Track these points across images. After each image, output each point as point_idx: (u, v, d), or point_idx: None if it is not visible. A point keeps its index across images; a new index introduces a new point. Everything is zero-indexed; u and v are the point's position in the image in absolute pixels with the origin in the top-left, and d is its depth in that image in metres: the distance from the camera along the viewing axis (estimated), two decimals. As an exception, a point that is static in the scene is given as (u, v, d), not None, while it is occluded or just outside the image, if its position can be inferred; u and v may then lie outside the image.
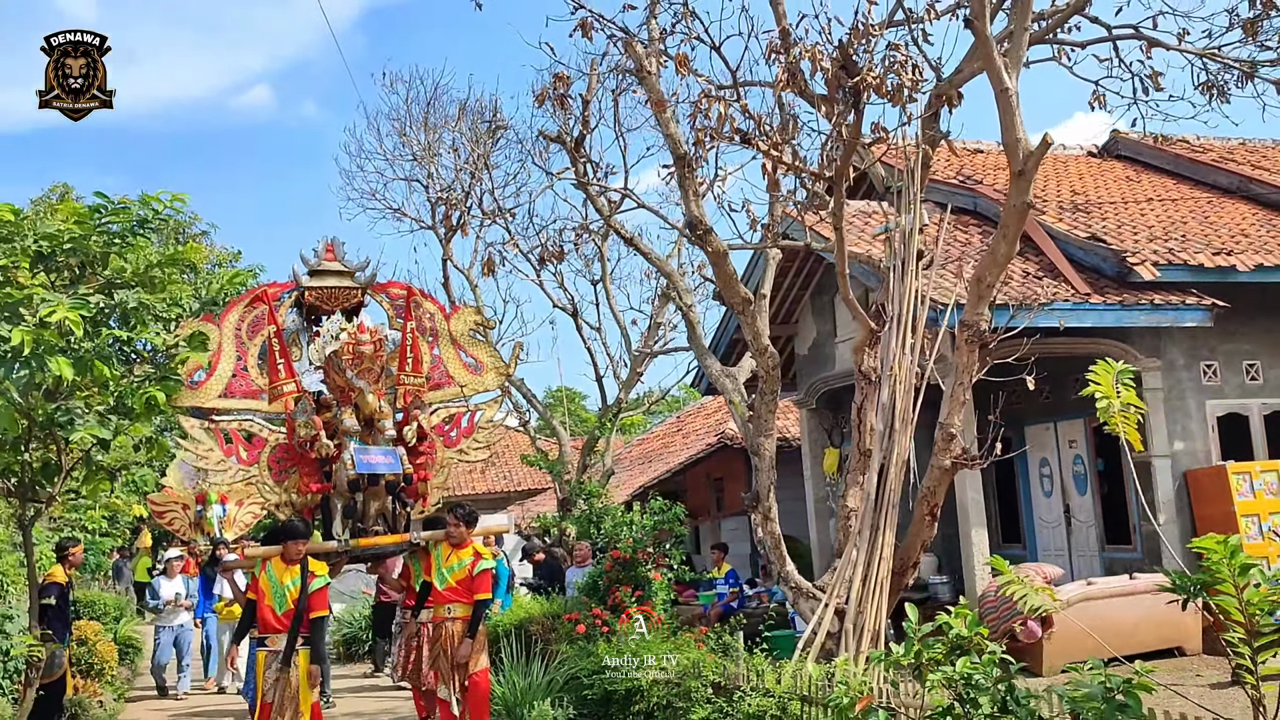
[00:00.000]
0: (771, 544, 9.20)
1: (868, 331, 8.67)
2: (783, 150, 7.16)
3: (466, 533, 8.63)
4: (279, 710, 7.80)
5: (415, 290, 9.60)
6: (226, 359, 8.84)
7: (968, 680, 4.03)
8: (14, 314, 7.81)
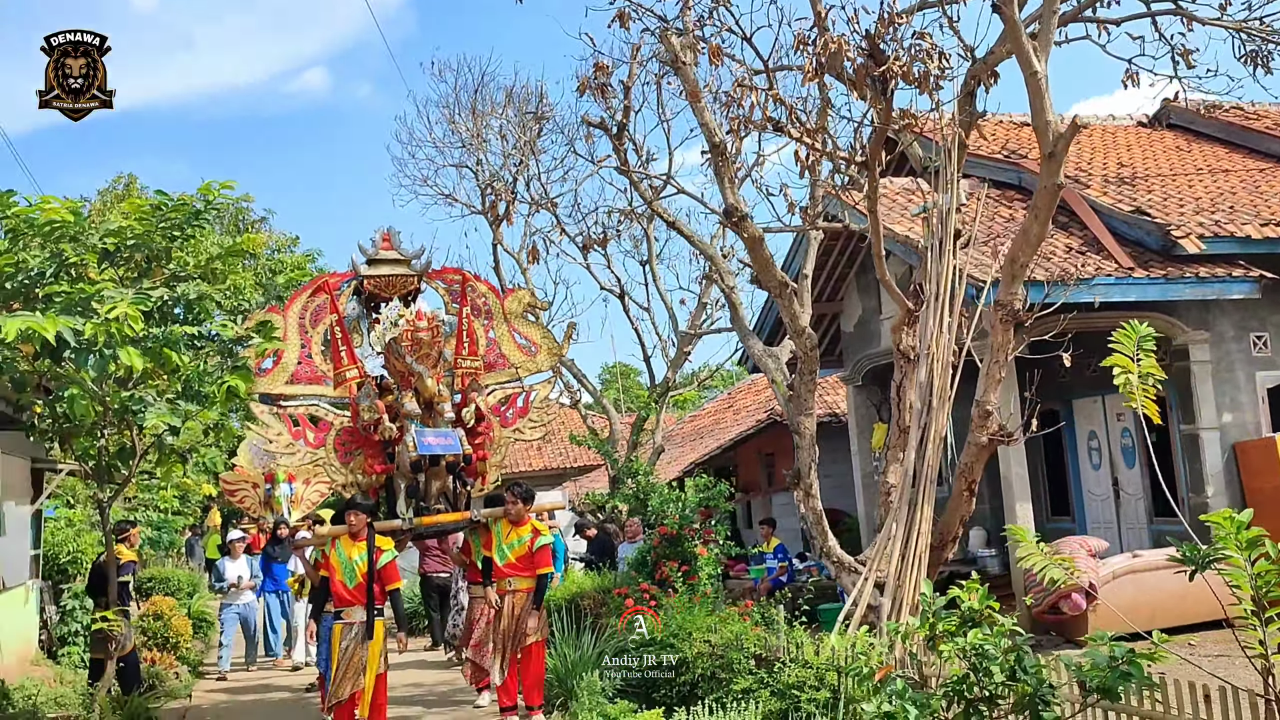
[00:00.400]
0: (813, 520, 9.41)
1: (906, 311, 8.81)
2: (815, 137, 7.32)
3: (524, 509, 9.01)
4: (345, 677, 8.24)
5: (469, 275, 9.94)
6: (292, 347, 9.28)
7: (979, 650, 4.24)
8: (86, 308, 8.27)
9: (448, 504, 9.25)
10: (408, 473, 8.94)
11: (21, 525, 13.29)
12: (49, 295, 8.13)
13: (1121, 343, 5.22)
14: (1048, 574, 4.87)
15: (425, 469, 8.95)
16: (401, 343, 9.04)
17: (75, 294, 8.14)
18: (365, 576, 8.30)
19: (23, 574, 13.29)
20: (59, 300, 8.08)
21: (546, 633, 8.96)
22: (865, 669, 4.56)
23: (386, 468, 9.09)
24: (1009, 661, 4.17)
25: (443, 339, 9.33)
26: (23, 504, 13.56)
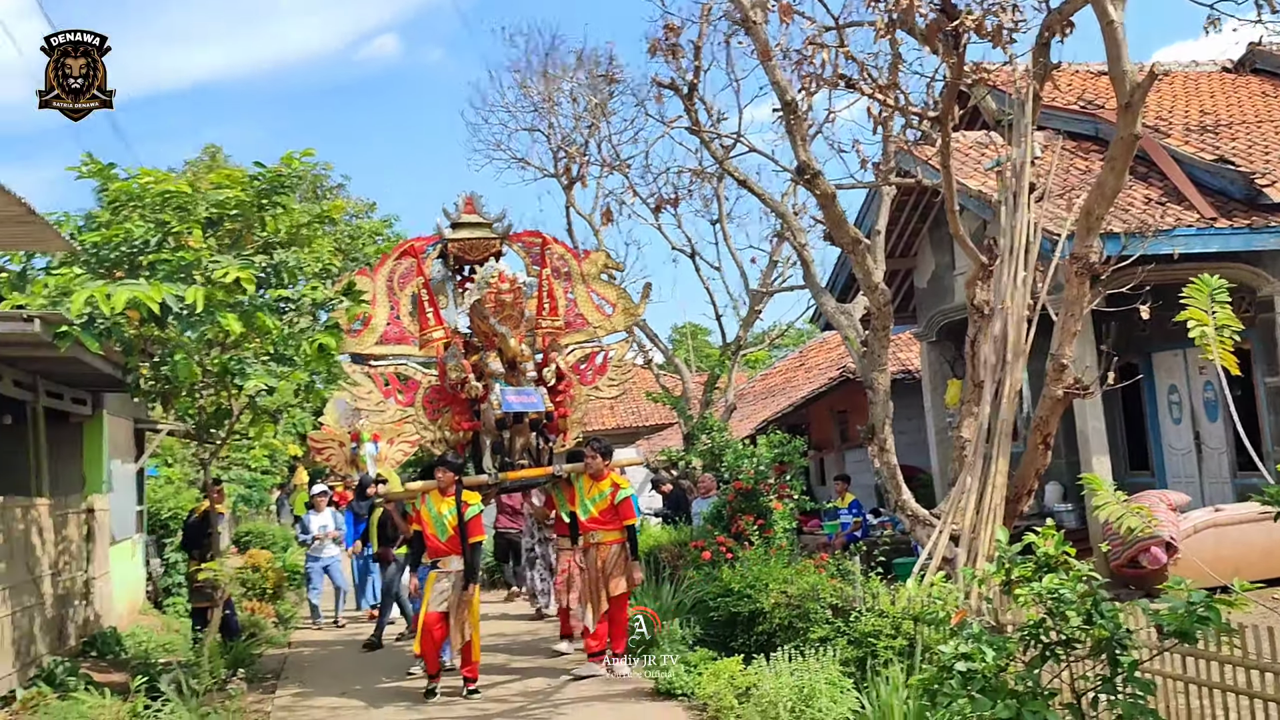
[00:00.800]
0: (888, 474, 9.52)
1: (980, 266, 8.82)
2: (887, 93, 7.35)
3: (604, 465, 9.29)
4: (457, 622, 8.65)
5: (548, 238, 10.20)
6: (381, 309, 9.65)
7: (1055, 595, 4.37)
8: (187, 275, 8.67)
9: (531, 460, 9.59)
10: (493, 429, 9.27)
11: (127, 482, 13.96)
12: (153, 264, 8.55)
13: (1194, 296, 5.24)
14: (1125, 523, 4.96)
15: (509, 426, 9.28)
16: (485, 304, 9.33)
17: (176, 262, 8.55)
18: (455, 529, 8.66)
19: (129, 529, 14.00)
20: (162, 268, 8.50)
21: (636, 583, 9.22)
22: (941, 614, 4.72)
23: (473, 425, 9.43)
24: (1085, 606, 4.29)
25: (524, 300, 9.60)
26: (128, 462, 14.25)
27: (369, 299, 9.48)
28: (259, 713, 8.66)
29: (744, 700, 7.29)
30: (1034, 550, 4.60)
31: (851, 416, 20.51)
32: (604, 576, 9.11)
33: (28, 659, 9.27)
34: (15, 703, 8.57)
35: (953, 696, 4.34)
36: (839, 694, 6.66)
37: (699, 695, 7.78)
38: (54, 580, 10.18)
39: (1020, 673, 4.47)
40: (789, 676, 6.94)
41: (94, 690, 8.69)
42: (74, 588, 11.16)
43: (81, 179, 9.11)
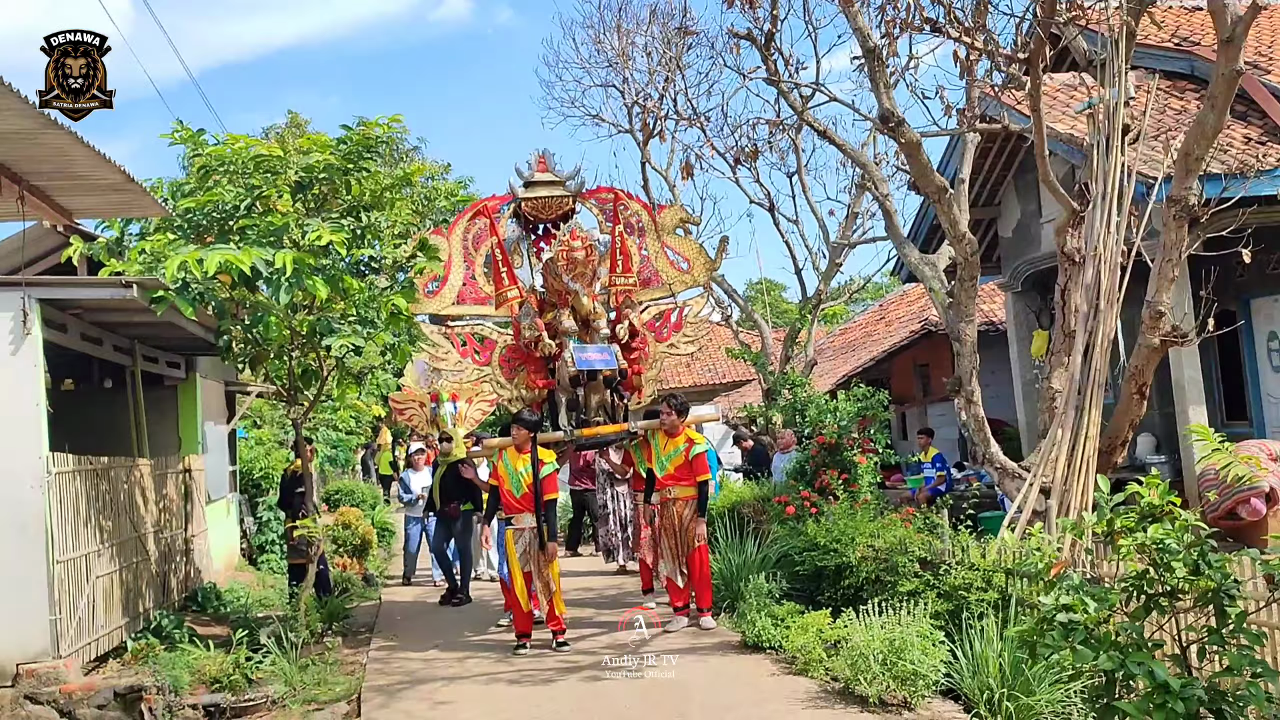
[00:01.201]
0: (975, 427, 9.38)
1: (1070, 212, 8.58)
2: (974, 35, 7.14)
3: (679, 421, 9.28)
4: (539, 581, 8.79)
5: (621, 193, 10.14)
6: (456, 269, 9.72)
7: (1160, 545, 4.26)
8: (277, 239, 8.82)
9: (606, 417, 9.63)
10: (568, 387, 9.33)
11: (220, 443, 14.35)
12: (243, 228, 8.72)
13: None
14: (1232, 471, 4.82)
15: (584, 383, 9.32)
16: (557, 262, 9.34)
17: (265, 226, 8.71)
18: (530, 486, 8.75)
19: (223, 488, 14.42)
20: (251, 233, 8.67)
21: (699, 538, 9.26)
22: (1040, 564, 4.64)
23: (548, 383, 9.49)
24: (1191, 556, 4.18)
25: (598, 258, 9.59)
26: (220, 424, 14.63)
27: (444, 257, 9.55)
28: (354, 664, 8.90)
29: (833, 653, 7.30)
30: (1136, 500, 4.48)
31: (934, 370, 20.24)
32: (683, 531, 9.16)
33: (136, 612, 9.65)
34: (126, 654, 8.94)
35: (1053, 648, 4.28)
36: (930, 646, 6.62)
37: (787, 648, 7.79)
38: (157, 538, 10.55)
39: (1123, 624, 4.39)
40: (879, 629, 6.91)
41: (198, 642, 9.03)
42: (175, 545, 11.56)
43: (174, 145, 9.29)
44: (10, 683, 7.59)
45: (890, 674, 6.55)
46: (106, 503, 9.01)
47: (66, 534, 8.03)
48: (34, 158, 4.93)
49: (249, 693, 7.87)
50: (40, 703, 7.52)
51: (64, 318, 8.76)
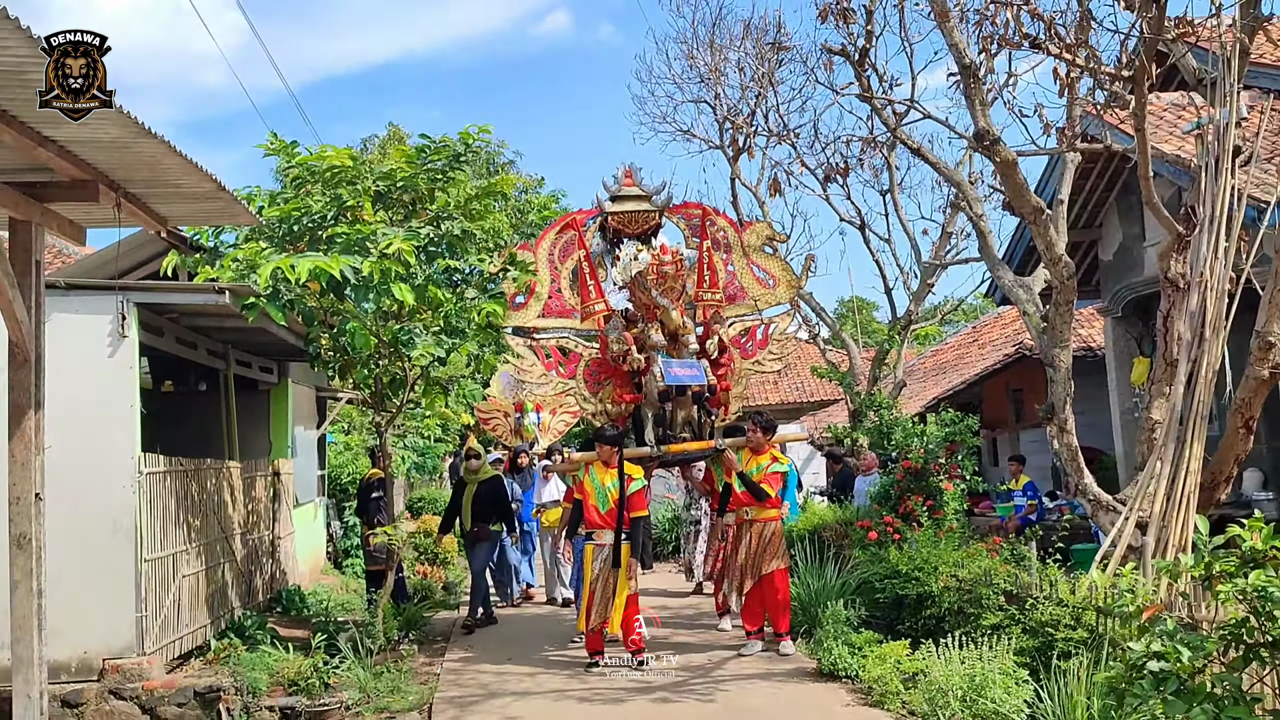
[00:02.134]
0: (1068, 456, 9.04)
1: (1175, 236, 8.22)
2: (1076, 52, 6.88)
3: (765, 439, 9.14)
4: (602, 599, 8.70)
5: (709, 209, 10.09)
6: (543, 282, 9.77)
7: (1262, 592, 4.00)
8: (361, 248, 8.96)
9: (692, 433, 9.53)
10: (655, 402, 9.26)
11: (309, 448, 14.65)
12: (331, 237, 8.88)
13: None
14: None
15: (672, 398, 9.23)
16: (647, 276, 9.31)
17: (353, 234, 8.85)
18: (616, 503, 8.68)
19: (311, 492, 14.71)
20: (339, 241, 8.82)
21: (784, 562, 9.09)
22: (1131, 607, 4.40)
23: (635, 397, 9.44)
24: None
25: (685, 273, 9.53)
26: (310, 429, 14.94)
27: (533, 269, 9.61)
28: (428, 674, 8.94)
29: (911, 686, 7.07)
30: (1238, 543, 4.22)
31: (1027, 395, 19.68)
32: (757, 554, 9.00)
33: (220, 611, 9.85)
34: (209, 652, 9.13)
35: (1143, 697, 4.05)
36: (1014, 685, 6.36)
37: (864, 678, 7.59)
38: (243, 539, 10.78)
39: (1220, 675, 4.13)
40: (959, 664, 6.67)
41: (279, 644, 9.18)
42: (261, 546, 11.80)
43: (268, 156, 9.57)
44: (97, 677, 7.81)
45: (970, 711, 6.32)
46: (195, 503, 9.23)
47: (155, 533, 8.24)
48: (129, 165, 5.04)
49: (324, 697, 7.95)
50: (124, 698, 7.71)
51: (160, 322, 9.02)
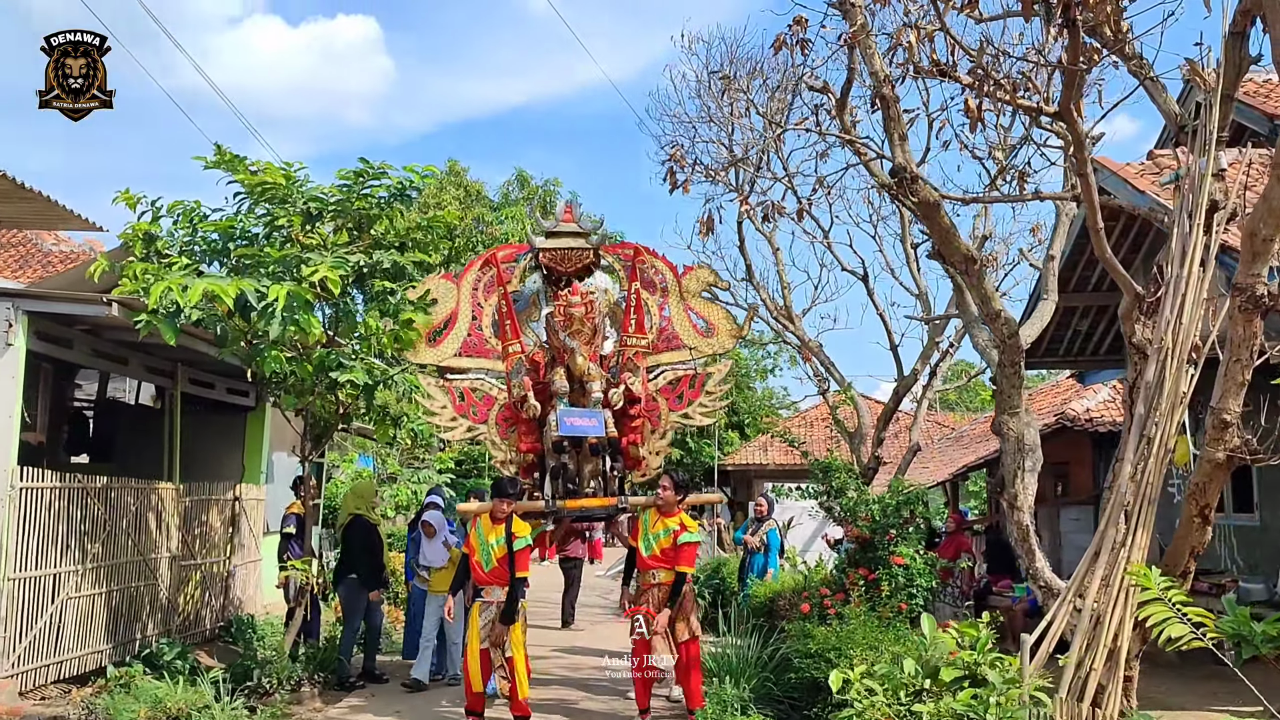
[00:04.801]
0: (1019, 535, 8.17)
1: (1133, 296, 7.36)
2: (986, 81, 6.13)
3: (674, 499, 8.35)
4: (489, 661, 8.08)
5: (642, 249, 9.49)
6: (463, 318, 9.29)
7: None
8: (288, 271, 8.64)
9: (600, 488, 8.87)
10: (552, 452, 8.66)
11: (289, 475, 14.39)
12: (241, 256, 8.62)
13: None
14: None
15: (568, 450, 8.62)
16: (555, 317, 8.77)
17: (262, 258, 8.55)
18: (501, 560, 8.08)
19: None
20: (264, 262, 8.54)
21: (695, 632, 8.32)
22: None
23: (533, 446, 8.87)
24: None
25: (600, 315, 8.97)
26: (294, 456, 14.69)
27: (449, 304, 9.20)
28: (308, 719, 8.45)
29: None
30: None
31: (1073, 469, 18.41)
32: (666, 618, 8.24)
33: (127, 637, 9.54)
34: (103, 679, 8.81)
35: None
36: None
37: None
38: (174, 564, 10.49)
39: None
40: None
41: (198, 675, 8.81)
42: (211, 573, 11.52)
43: (208, 169, 9.27)
44: (-64, 698, 7.53)
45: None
46: (95, 523, 8.96)
47: (28, 551, 7.96)
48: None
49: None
50: (-46, 722, 7.41)
51: (70, 333, 8.83)
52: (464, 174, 28.91)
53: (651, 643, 8.30)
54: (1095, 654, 6.94)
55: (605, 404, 8.63)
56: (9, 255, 18.66)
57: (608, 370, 8.96)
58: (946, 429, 23.36)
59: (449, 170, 29.20)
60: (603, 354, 8.99)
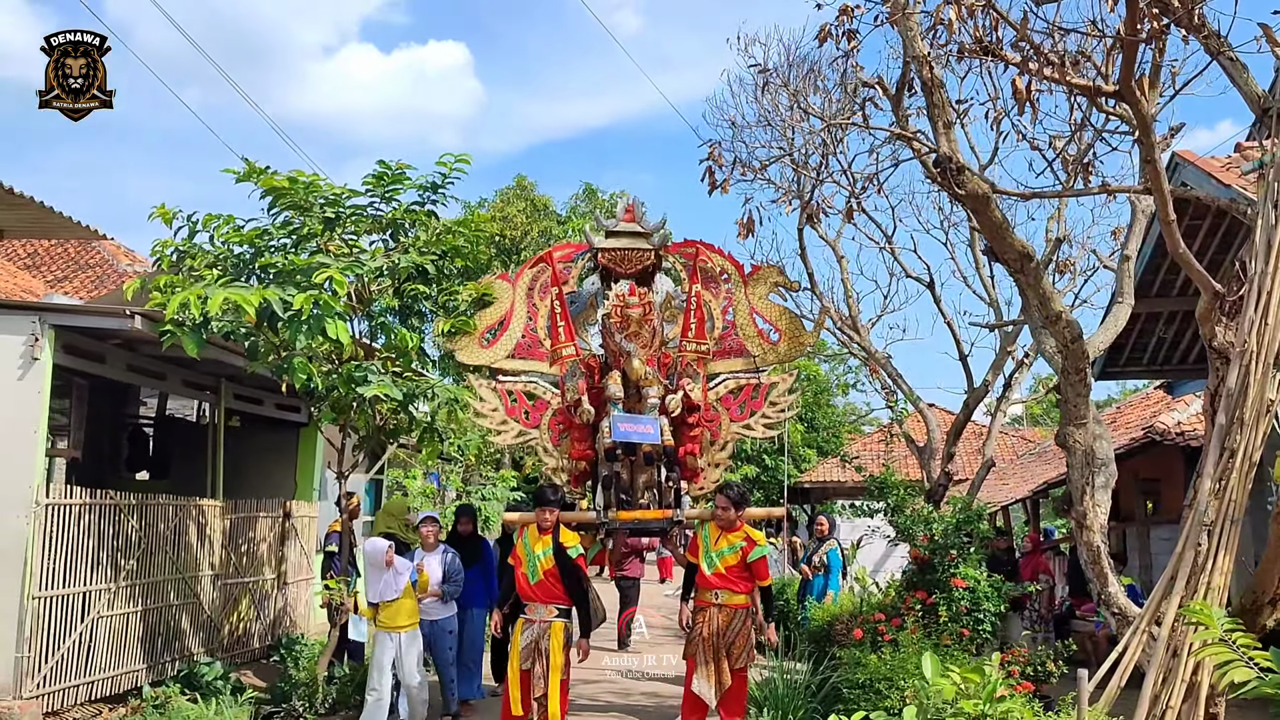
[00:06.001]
0: (1089, 558, 7.49)
1: (1212, 295, 6.70)
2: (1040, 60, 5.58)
3: (735, 515, 7.91)
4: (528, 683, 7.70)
5: (705, 246, 9.03)
6: (518, 319, 8.96)
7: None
8: (310, 280, 8.41)
9: (655, 499, 8.43)
10: (604, 460, 8.25)
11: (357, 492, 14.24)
12: (267, 265, 8.43)
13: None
14: None
15: (621, 458, 8.20)
16: (611, 319, 8.36)
17: (286, 265, 8.35)
18: (548, 573, 7.71)
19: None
20: (274, 270, 8.35)
21: (773, 643, 7.86)
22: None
23: (585, 454, 8.47)
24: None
25: (660, 317, 8.55)
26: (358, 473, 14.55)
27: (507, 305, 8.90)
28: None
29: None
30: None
31: (1165, 486, 17.41)
32: (723, 644, 7.77)
33: (166, 657, 9.39)
34: (138, 699, 8.67)
35: None
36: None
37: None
38: (216, 581, 10.34)
39: None
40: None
41: (237, 696, 8.67)
42: (258, 590, 11.38)
43: (240, 182, 9.14)
44: (-43, 717, 7.42)
45: None
46: (129, 540, 8.82)
47: (54, 568, 7.83)
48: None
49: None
50: (-27, 743, 7.28)
51: (103, 348, 8.74)
52: (531, 188, 28.87)
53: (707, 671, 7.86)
54: (1172, 689, 6.31)
55: (662, 410, 8.21)
56: (87, 276, 19.03)
57: (666, 376, 8.54)
58: (1030, 444, 22.35)
59: (516, 185, 29.17)
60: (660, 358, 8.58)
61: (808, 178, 12.39)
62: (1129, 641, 6.56)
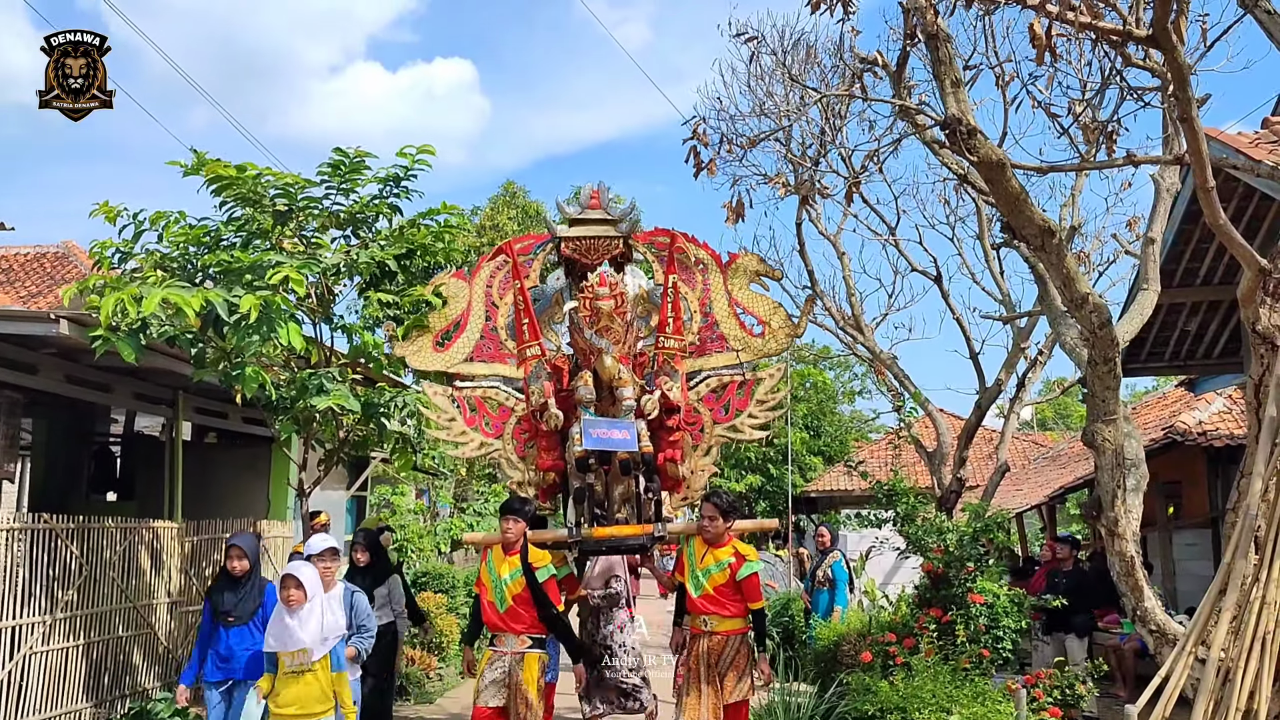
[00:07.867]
0: (1122, 570, 6.73)
1: (1256, 272, 5.94)
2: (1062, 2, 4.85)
3: (724, 527, 7.08)
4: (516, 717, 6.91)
5: (679, 235, 8.19)
6: (475, 319, 8.12)
7: None
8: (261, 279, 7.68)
9: (634, 513, 7.59)
10: (576, 472, 7.40)
11: (336, 510, 13.57)
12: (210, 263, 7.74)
13: None
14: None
15: (596, 468, 7.37)
16: (580, 313, 7.52)
17: (234, 264, 7.64)
18: (518, 598, 6.90)
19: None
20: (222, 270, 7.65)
21: (748, 690, 7.02)
22: None
23: (554, 464, 7.63)
24: None
25: (634, 311, 7.75)
26: (336, 489, 13.88)
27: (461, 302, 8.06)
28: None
29: None
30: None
31: (1186, 489, 16.62)
32: (715, 675, 6.94)
33: (115, 693, 8.66)
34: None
35: None
36: None
37: None
38: (174, 609, 9.61)
39: None
40: None
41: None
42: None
43: (187, 175, 8.42)
44: None
45: None
46: (75, 568, 8.08)
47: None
48: None
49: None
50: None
51: (35, 358, 8.02)
52: (521, 194, 28.18)
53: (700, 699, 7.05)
54: (1225, 718, 5.55)
55: (638, 413, 7.37)
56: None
57: (641, 375, 7.71)
58: (1043, 448, 21.55)
59: (506, 192, 28.48)
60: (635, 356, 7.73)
61: (804, 156, 11.63)
62: (1173, 665, 5.81)
